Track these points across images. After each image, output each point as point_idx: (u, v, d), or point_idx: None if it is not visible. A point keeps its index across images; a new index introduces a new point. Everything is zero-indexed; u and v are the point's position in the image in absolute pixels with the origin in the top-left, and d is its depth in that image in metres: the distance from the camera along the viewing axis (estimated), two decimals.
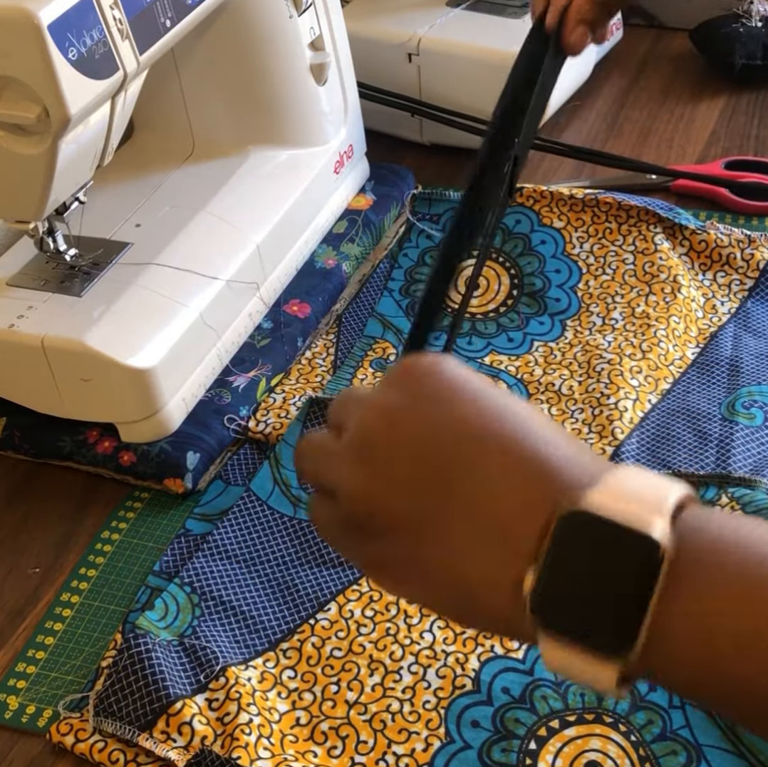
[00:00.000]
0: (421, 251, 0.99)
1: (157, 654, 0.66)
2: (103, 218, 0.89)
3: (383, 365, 0.89)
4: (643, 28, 1.33)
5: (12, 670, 0.70)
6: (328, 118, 1.00)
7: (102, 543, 0.78)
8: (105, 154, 0.78)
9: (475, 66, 1.08)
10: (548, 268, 0.96)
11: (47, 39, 0.65)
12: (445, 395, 0.41)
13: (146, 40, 0.74)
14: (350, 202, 1.04)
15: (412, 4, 1.16)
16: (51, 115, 0.68)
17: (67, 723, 0.65)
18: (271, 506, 0.78)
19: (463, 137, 1.11)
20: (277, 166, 0.97)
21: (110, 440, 0.81)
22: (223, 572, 0.74)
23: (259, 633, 0.70)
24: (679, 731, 0.63)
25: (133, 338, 0.79)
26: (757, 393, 0.83)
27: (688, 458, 0.78)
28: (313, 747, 0.64)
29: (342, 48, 1.00)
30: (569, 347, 0.90)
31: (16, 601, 0.74)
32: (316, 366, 0.90)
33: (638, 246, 0.95)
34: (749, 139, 1.13)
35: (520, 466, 0.38)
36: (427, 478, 0.39)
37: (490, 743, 0.64)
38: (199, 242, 0.88)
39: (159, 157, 0.98)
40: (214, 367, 0.86)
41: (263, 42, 0.93)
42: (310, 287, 0.95)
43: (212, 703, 0.65)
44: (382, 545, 0.41)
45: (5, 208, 0.78)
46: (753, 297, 0.93)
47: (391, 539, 0.40)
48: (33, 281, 0.84)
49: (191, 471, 0.80)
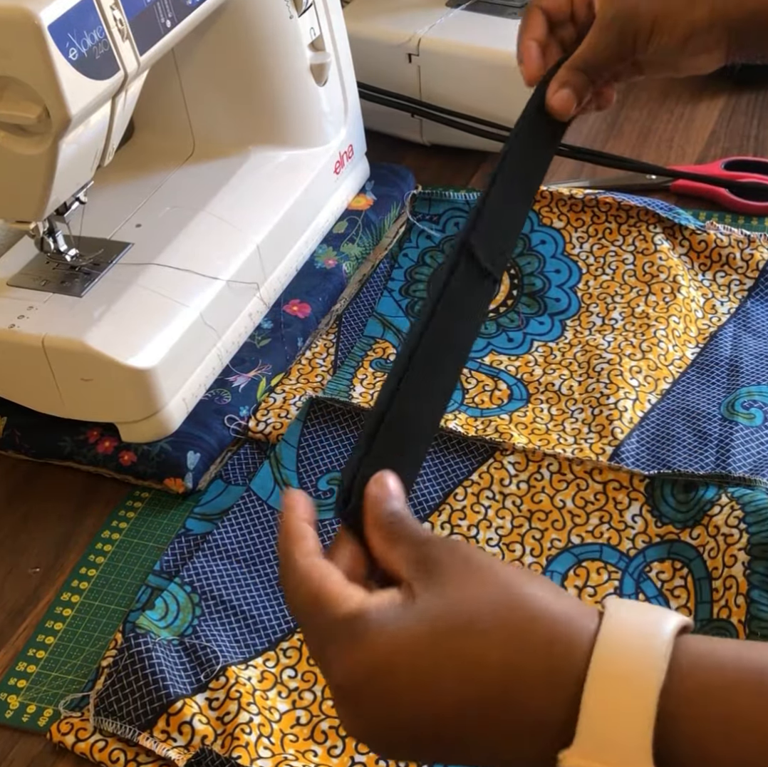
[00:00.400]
0: (421, 251, 0.99)
1: (158, 654, 0.66)
2: (103, 218, 0.89)
3: (383, 365, 0.89)
4: None
5: (12, 669, 0.70)
6: (328, 119, 1.00)
7: (102, 543, 0.78)
8: (105, 154, 0.78)
9: (475, 66, 1.08)
10: (548, 268, 0.96)
11: (48, 39, 0.65)
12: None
13: (147, 40, 0.74)
14: (350, 202, 1.04)
15: (412, 5, 1.16)
16: (51, 116, 0.68)
17: (67, 723, 0.66)
18: (272, 506, 0.78)
19: (463, 137, 1.11)
20: (277, 167, 0.97)
21: (111, 440, 0.82)
22: (224, 571, 0.74)
23: (259, 633, 0.70)
24: None
25: (133, 338, 0.79)
26: (757, 393, 0.83)
27: (687, 458, 0.78)
28: (313, 746, 0.64)
29: (342, 48, 1.00)
30: (569, 347, 0.90)
31: (16, 601, 0.74)
32: (316, 366, 0.90)
33: (638, 246, 0.95)
34: (749, 139, 1.13)
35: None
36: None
37: None
38: (199, 242, 0.88)
39: (159, 157, 0.98)
40: (214, 367, 0.86)
41: (263, 42, 0.93)
42: (310, 287, 0.95)
43: (212, 702, 0.65)
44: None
45: (6, 208, 0.78)
46: (752, 297, 0.93)
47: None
48: (33, 281, 0.84)
49: (191, 471, 0.80)
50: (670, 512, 0.73)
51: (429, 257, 0.99)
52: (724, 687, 0.37)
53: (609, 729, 0.37)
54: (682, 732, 0.36)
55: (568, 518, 0.75)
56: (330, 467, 0.80)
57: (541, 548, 0.74)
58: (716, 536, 0.70)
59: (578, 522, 0.75)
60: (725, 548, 0.69)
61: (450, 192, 1.02)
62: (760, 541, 0.68)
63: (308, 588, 0.42)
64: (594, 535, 0.74)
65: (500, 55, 1.07)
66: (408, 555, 0.42)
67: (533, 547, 0.74)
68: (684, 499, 0.73)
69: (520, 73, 0.72)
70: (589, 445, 0.80)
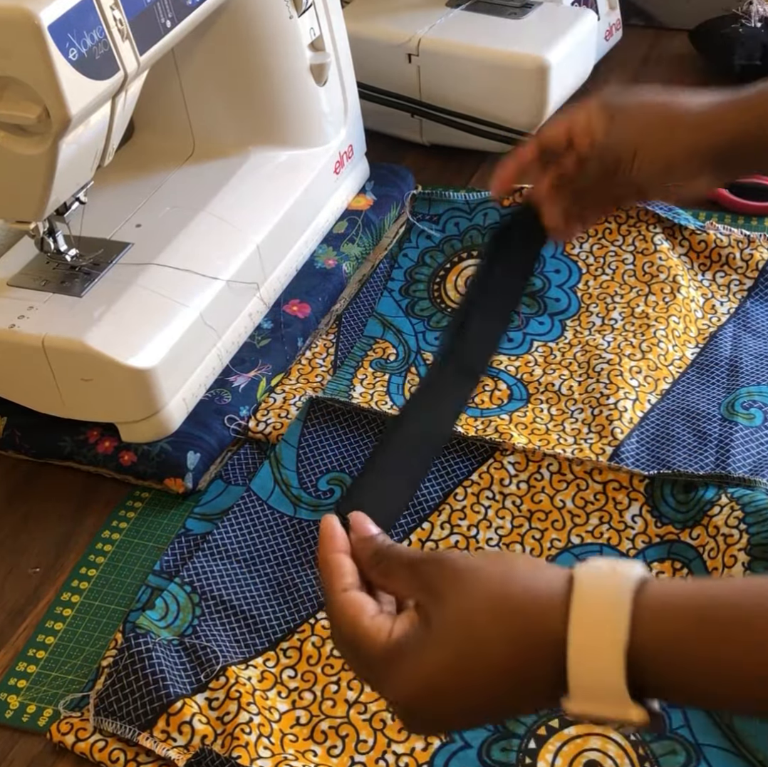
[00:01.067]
0: (421, 251, 0.99)
1: (158, 654, 0.67)
2: (103, 218, 0.89)
3: (383, 365, 0.89)
4: (642, 29, 1.33)
5: (13, 669, 0.70)
6: (328, 119, 1.00)
7: (102, 543, 0.78)
8: (105, 154, 0.78)
9: (475, 66, 1.08)
10: (548, 268, 0.96)
11: (48, 39, 0.65)
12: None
13: (146, 40, 0.74)
14: (350, 202, 1.04)
15: (412, 5, 1.16)
16: (51, 116, 0.68)
17: (67, 723, 0.66)
18: (272, 506, 0.78)
19: (463, 137, 1.11)
20: (277, 167, 0.97)
21: (111, 440, 0.82)
22: (224, 571, 0.74)
23: (259, 633, 0.70)
24: (679, 730, 0.63)
25: (133, 338, 0.79)
26: (757, 393, 0.83)
27: (687, 458, 0.78)
28: (313, 746, 0.65)
29: (342, 48, 1.00)
30: (569, 347, 0.90)
31: (16, 601, 0.74)
32: (316, 366, 0.90)
33: (638, 246, 0.95)
34: None
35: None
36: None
37: (490, 742, 0.64)
38: (199, 242, 0.88)
39: (159, 157, 0.98)
40: (214, 367, 0.86)
41: (263, 42, 0.93)
42: (310, 287, 0.95)
43: (212, 702, 0.65)
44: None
45: (6, 208, 0.78)
46: (752, 297, 0.93)
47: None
48: (33, 282, 0.84)
49: (191, 471, 0.80)
50: (670, 512, 0.73)
51: (429, 257, 0.99)
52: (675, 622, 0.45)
53: (590, 675, 0.45)
54: (647, 658, 0.44)
55: (567, 518, 0.75)
56: (330, 468, 0.80)
57: (541, 548, 0.74)
58: (716, 536, 0.70)
59: (578, 522, 0.75)
60: (725, 549, 0.69)
61: (450, 192, 1.02)
62: (760, 541, 0.68)
63: (345, 626, 0.50)
64: (594, 535, 0.74)
65: (500, 55, 1.07)
66: (407, 583, 0.50)
67: (533, 547, 0.74)
68: (684, 499, 0.73)
69: (518, 76, 0.74)
70: (589, 445, 0.80)
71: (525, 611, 0.47)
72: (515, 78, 1.07)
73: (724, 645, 0.44)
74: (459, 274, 0.97)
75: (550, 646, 0.46)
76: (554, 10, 1.14)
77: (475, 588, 0.48)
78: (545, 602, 0.47)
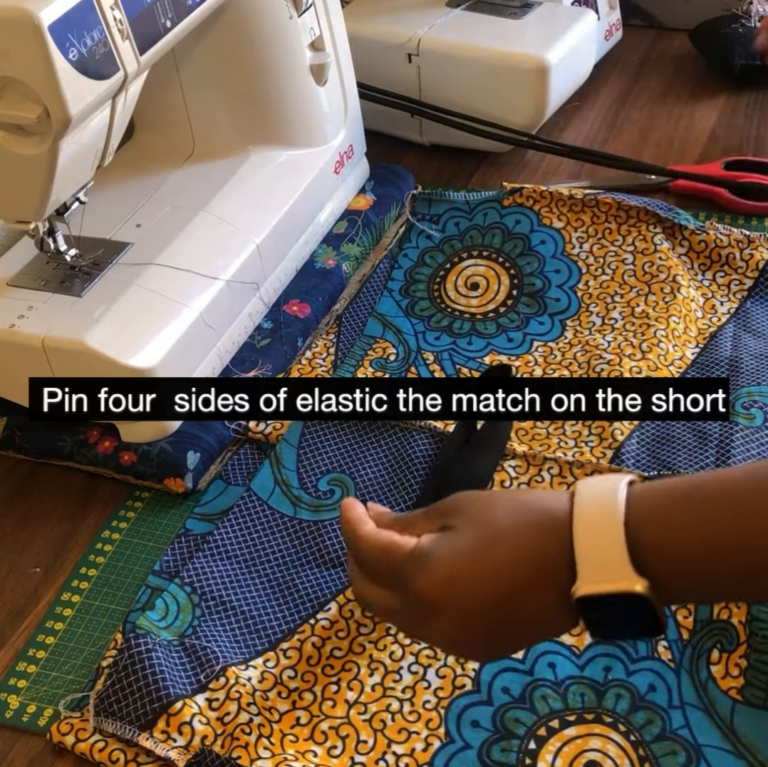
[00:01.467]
0: (421, 251, 0.99)
1: (158, 654, 0.67)
2: (103, 218, 0.89)
3: (383, 365, 0.89)
4: (642, 29, 1.34)
5: (13, 669, 0.70)
6: (328, 119, 1.00)
7: (102, 543, 0.78)
8: (105, 154, 0.78)
9: (475, 66, 1.08)
10: (548, 268, 0.96)
11: (48, 39, 0.65)
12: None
13: (147, 40, 0.74)
14: (350, 202, 1.04)
15: (412, 5, 1.16)
16: (51, 116, 0.68)
17: (67, 723, 0.66)
18: (272, 506, 0.78)
19: (463, 137, 1.11)
20: (277, 167, 0.97)
21: (110, 439, 0.82)
22: (224, 572, 0.74)
23: (259, 633, 0.70)
24: (679, 731, 0.63)
25: (133, 338, 0.79)
26: (757, 393, 0.83)
27: (687, 459, 0.78)
28: (313, 746, 0.64)
29: (342, 48, 1.00)
30: (569, 347, 0.90)
31: (16, 600, 0.74)
32: (316, 366, 0.90)
33: (638, 246, 0.95)
34: (748, 139, 1.13)
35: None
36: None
37: (490, 743, 0.64)
38: (199, 242, 0.88)
39: (159, 157, 0.98)
40: (214, 367, 0.86)
41: (263, 42, 0.93)
42: (310, 287, 0.95)
43: (212, 703, 0.65)
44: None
45: (6, 208, 0.78)
46: (752, 297, 0.93)
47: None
48: (33, 281, 0.84)
49: (191, 471, 0.80)
50: None
51: (429, 257, 0.99)
52: (662, 497, 0.53)
53: (596, 553, 0.52)
54: (644, 535, 0.51)
55: None
56: (330, 468, 0.80)
57: None
58: None
59: None
60: None
61: (450, 192, 1.02)
62: None
63: (379, 543, 0.58)
64: None
65: (500, 55, 1.07)
66: (428, 518, 0.58)
67: None
68: None
69: (518, 76, 0.74)
70: (590, 448, 0.80)
71: (535, 506, 0.55)
72: (515, 78, 1.07)
73: (711, 514, 0.50)
74: (459, 274, 0.97)
75: (560, 530, 0.53)
76: (554, 10, 1.14)
77: (490, 499, 0.57)
78: (552, 502, 0.55)
